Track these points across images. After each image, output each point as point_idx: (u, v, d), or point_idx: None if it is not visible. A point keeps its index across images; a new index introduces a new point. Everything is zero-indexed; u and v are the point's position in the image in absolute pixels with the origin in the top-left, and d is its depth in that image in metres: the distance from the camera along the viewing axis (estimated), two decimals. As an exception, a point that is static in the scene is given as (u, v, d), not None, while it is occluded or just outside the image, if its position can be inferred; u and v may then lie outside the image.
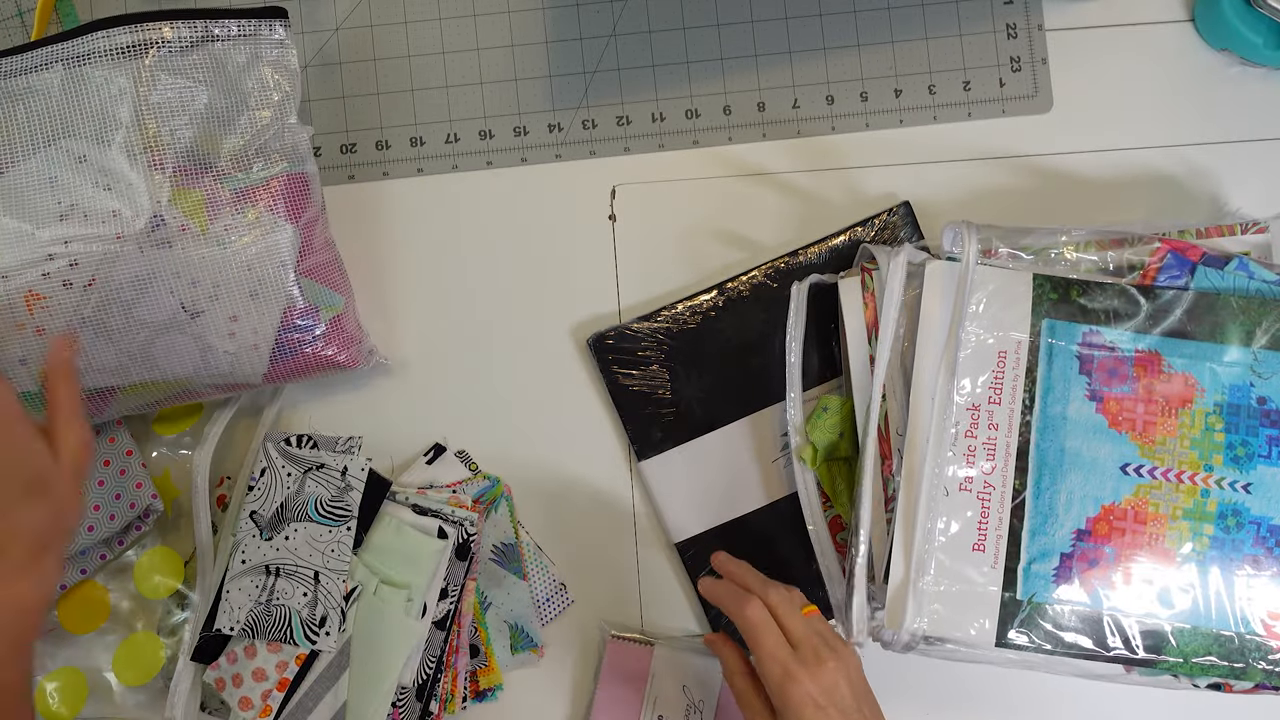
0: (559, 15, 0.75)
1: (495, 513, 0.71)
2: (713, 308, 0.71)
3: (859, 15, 0.75)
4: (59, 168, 0.61)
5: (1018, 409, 0.63)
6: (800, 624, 0.58)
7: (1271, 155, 0.74)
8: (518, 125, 0.75)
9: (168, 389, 0.65)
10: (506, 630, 0.70)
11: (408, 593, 0.66)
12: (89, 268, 0.61)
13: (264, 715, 0.64)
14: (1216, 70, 0.74)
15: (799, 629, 0.58)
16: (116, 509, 0.66)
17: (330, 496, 0.67)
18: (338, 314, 0.67)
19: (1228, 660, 0.61)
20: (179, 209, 0.62)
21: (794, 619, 0.58)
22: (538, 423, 0.73)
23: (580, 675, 0.71)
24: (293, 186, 0.65)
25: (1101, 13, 0.75)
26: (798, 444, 0.69)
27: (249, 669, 0.65)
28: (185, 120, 0.62)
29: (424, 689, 0.66)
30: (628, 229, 0.74)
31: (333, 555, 0.66)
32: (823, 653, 0.57)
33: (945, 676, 0.70)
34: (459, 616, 0.68)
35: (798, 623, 0.58)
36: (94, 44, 0.61)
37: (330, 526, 0.67)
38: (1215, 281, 0.63)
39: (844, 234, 0.72)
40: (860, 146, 0.74)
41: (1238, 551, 0.61)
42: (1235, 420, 0.62)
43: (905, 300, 0.64)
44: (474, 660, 0.69)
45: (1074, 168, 0.74)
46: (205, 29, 0.62)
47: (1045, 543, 0.61)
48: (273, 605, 0.65)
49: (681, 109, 0.74)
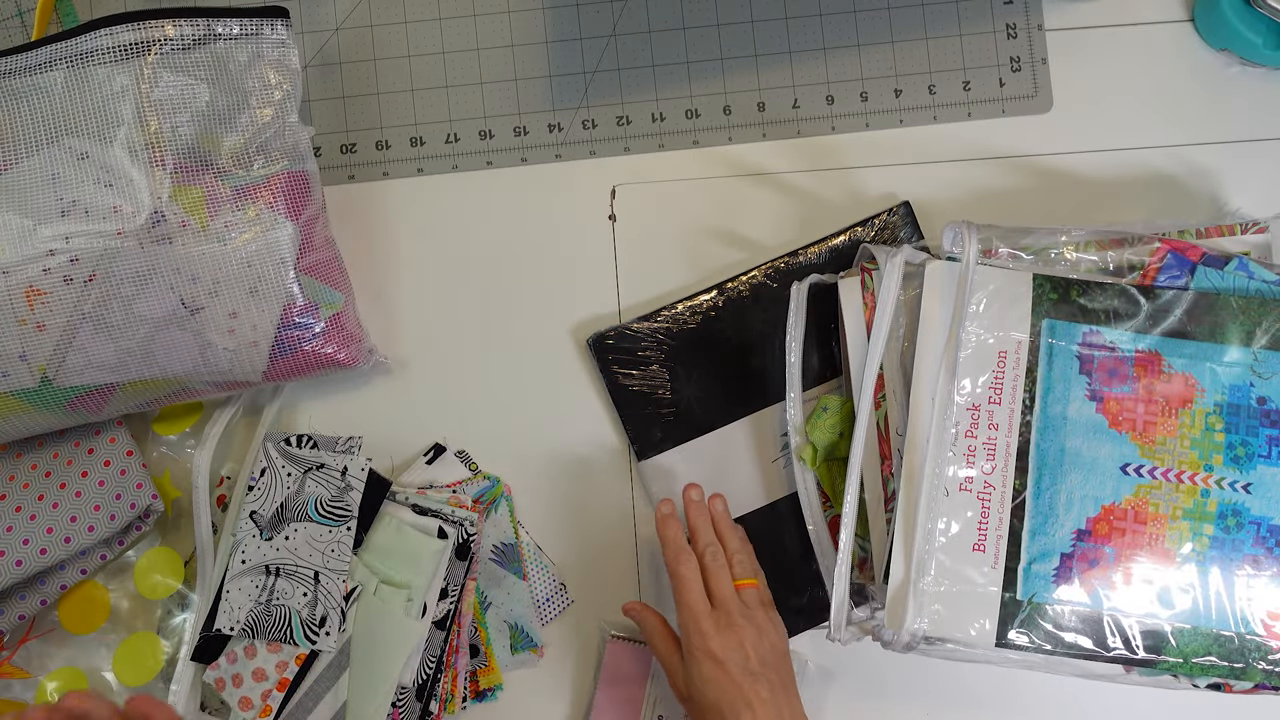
0: (559, 15, 0.75)
1: (495, 513, 0.71)
2: (713, 308, 0.71)
3: (859, 15, 0.75)
4: (60, 164, 0.62)
5: (1018, 409, 0.63)
6: (725, 586, 0.62)
7: (1271, 155, 0.74)
8: (518, 125, 0.75)
9: (168, 386, 0.65)
10: (506, 630, 0.70)
11: (408, 593, 0.66)
12: (89, 263, 0.61)
13: (264, 715, 0.64)
14: (1216, 70, 0.74)
15: (723, 590, 0.62)
16: (117, 509, 0.66)
17: (330, 496, 0.67)
18: (337, 311, 0.67)
19: (1228, 660, 0.61)
20: (179, 205, 0.62)
21: (722, 581, 0.63)
22: (538, 422, 0.73)
23: (580, 675, 0.71)
24: (293, 184, 0.65)
25: (1101, 13, 0.75)
26: (798, 444, 0.69)
27: (249, 669, 0.65)
28: (186, 118, 0.62)
29: (424, 689, 0.66)
30: (628, 229, 0.74)
31: (333, 555, 0.66)
32: (736, 617, 0.61)
33: (945, 676, 0.70)
34: (459, 616, 0.68)
35: (724, 585, 0.62)
36: (97, 42, 0.62)
37: (330, 526, 0.67)
38: (1215, 281, 0.63)
39: (844, 234, 0.72)
40: (860, 146, 0.74)
41: (1238, 551, 0.61)
42: (1235, 420, 0.62)
43: (905, 300, 0.64)
44: (474, 660, 0.69)
45: (1074, 168, 0.74)
46: (207, 27, 0.63)
47: (1045, 543, 0.61)
48: (273, 605, 0.65)
49: (681, 109, 0.74)
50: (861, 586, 0.66)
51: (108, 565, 0.69)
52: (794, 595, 0.70)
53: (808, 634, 0.70)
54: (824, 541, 0.68)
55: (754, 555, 0.67)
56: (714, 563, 0.63)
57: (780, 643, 0.62)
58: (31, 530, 0.65)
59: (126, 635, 0.69)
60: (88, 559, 0.67)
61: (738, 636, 0.60)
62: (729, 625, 0.61)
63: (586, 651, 0.71)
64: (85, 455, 0.68)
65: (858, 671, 0.71)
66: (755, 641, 0.60)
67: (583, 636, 0.71)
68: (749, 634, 0.60)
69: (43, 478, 0.67)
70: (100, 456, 0.68)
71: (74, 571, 0.67)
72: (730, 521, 0.67)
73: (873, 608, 0.65)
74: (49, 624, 0.69)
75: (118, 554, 0.69)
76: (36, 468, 0.68)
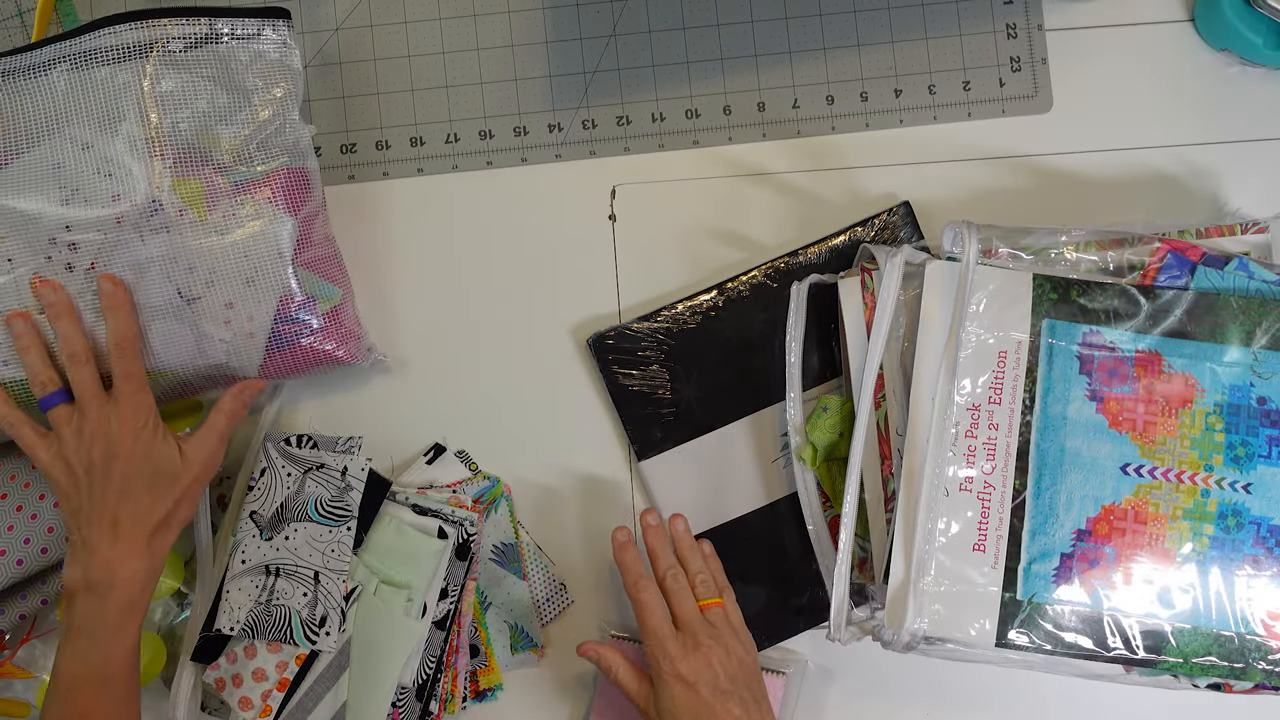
0: (559, 15, 0.75)
1: (495, 513, 0.71)
2: (713, 308, 0.71)
3: (859, 15, 0.75)
4: (63, 155, 0.63)
5: (1018, 409, 0.63)
6: (689, 608, 0.62)
7: (1271, 155, 0.73)
8: (518, 125, 0.75)
9: (165, 381, 0.65)
10: (506, 630, 0.70)
11: (408, 593, 0.66)
12: (89, 252, 0.62)
13: (264, 715, 0.64)
14: (1216, 70, 0.74)
15: (687, 612, 0.62)
16: (117, 509, 0.66)
17: (330, 496, 0.67)
18: (335, 306, 0.67)
19: (1228, 660, 0.61)
20: (178, 196, 0.62)
21: (685, 603, 0.63)
22: (537, 423, 0.73)
23: (580, 675, 0.71)
24: (293, 180, 0.65)
25: (1101, 13, 0.75)
26: (798, 444, 0.69)
27: (249, 669, 0.65)
28: (188, 114, 0.63)
29: (424, 689, 0.66)
30: (628, 229, 0.74)
31: (333, 555, 0.66)
32: (703, 638, 0.61)
33: (945, 676, 0.70)
34: (459, 616, 0.68)
35: (687, 607, 0.62)
36: (101, 40, 0.63)
37: (330, 526, 0.67)
38: (1215, 281, 0.63)
39: (844, 234, 0.72)
40: (860, 146, 0.74)
41: (1238, 551, 0.61)
42: (1235, 420, 0.62)
43: (905, 300, 0.64)
44: (474, 660, 0.69)
45: (1074, 168, 0.74)
46: (210, 26, 0.64)
47: (1045, 543, 0.61)
48: (273, 605, 0.65)
49: (681, 109, 0.74)
50: (861, 586, 0.66)
51: (108, 565, 0.69)
52: (794, 595, 0.70)
53: (808, 634, 0.70)
54: (824, 541, 0.68)
55: (722, 571, 0.66)
56: (675, 585, 0.63)
57: (749, 658, 0.62)
58: (32, 529, 0.65)
59: (127, 635, 0.69)
60: (88, 559, 0.68)
61: (705, 657, 0.60)
62: (695, 647, 0.60)
63: (586, 651, 0.71)
64: (86, 455, 0.68)
65: (858, 671, 0.71)
66: (723, 660, 0.60)
67: (583, 636, 0.71)
68: (716, 653, 0.60)
69: (44, 477, 0.67)
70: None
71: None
72: (691, 541, 0.66)
73: (873, 608, 0.65)
74: (50, 624, 0.69)
75: (118, 554, 0.69)
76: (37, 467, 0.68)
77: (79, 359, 0.61)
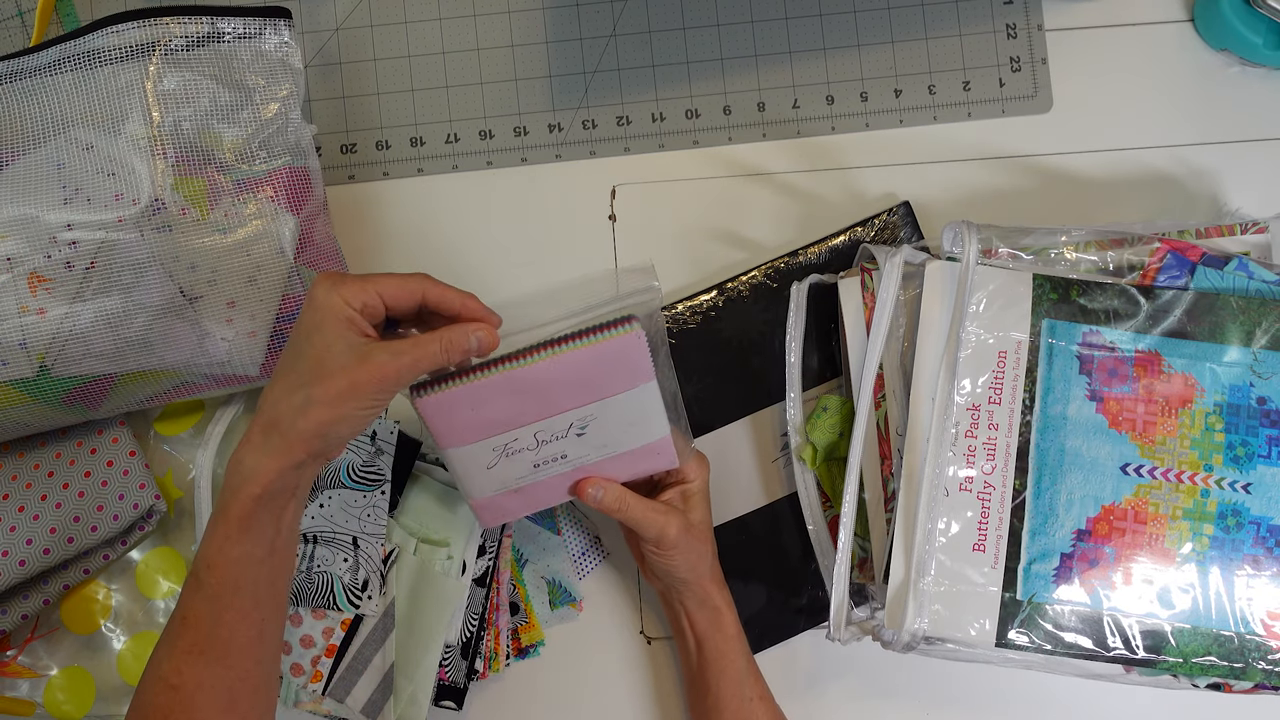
0: (559, 15, 0.75)
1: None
2: (712, 308, 0.71)
3: (859, 15, 0.75)
4: (66, 154, 0.63)
5: (1018, 409, 0.63)
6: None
7: (1271, 155, 0.73)
8: (518, 125, 0.75)
9: (167, 380, 0.65)
10: (545, 586, 0.71)
11: (447, 550, 0.67)
12: (90, 250, 0.62)
13: (315, 680, 0.65)
14: (1216, 70, 0.74)
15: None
16: (119, 509, 0.67)
17: (361, 462, 0.68)
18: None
19: (1227, 660, 0.61)
20: (180, 195, 0.63)
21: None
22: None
23: (621, 626, 0.71)
24: (294, 179, 0.65)
25: (1101, 13, 0.75)
26: (798, 444, 0.69)
27: (296, 636, 0.66)
28: (190, 113, 0.63)
29: (468, 647, 0.67)
30: (628, 229, 0.74)
31: (369, 519, 0.67)
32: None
33: (945, 676, 0.70)
34: (497, 574, 0.69)
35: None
36: (104, 39, 0.63)
37: (364, 491, 0.67)
38: (1215, 281, 0.63)
39: (844, 234, 0.72)
40: (860, 146, 0.74)
41: (1238, 551, 0.62)
42: (1235, 420, 0.62)
43: (905, 300, 0.64)
44: (515, 618, 0.70)
45: (1074, 168, 0.74)
46: (212, 24, 0.64)
47: (1045, 543, 0.61)
48: (314, 572, 0.66)
49: (681, 109, 0.74)
50: (861, 586, 0.66)
51: (110, 565, 0.70)
52: (794, 595, 0.70)
53: (808, 634, 0.70)
54: (824, 541, 0.68)
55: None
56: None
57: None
58: (34, 530, 0.65)
59: (129, 635, 0.69)
60: (90, 559, 0.68)
61: (704, 462, 0.66)
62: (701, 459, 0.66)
63: (625, 604, 0.72)
64: (88, 455, 0.68)
65: (858, 671, 0.71)
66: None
67: (619, 589, 0.72)
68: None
69: (45, 477, 0.67)
70: (103, 456, 0.68)
71: (76, 571, 0.67)
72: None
73: (873, 608, 0.65)
74: (52, 623, 0.70)
75: (120, 554, 0.69)
76: (39, 467, 0.68)
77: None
